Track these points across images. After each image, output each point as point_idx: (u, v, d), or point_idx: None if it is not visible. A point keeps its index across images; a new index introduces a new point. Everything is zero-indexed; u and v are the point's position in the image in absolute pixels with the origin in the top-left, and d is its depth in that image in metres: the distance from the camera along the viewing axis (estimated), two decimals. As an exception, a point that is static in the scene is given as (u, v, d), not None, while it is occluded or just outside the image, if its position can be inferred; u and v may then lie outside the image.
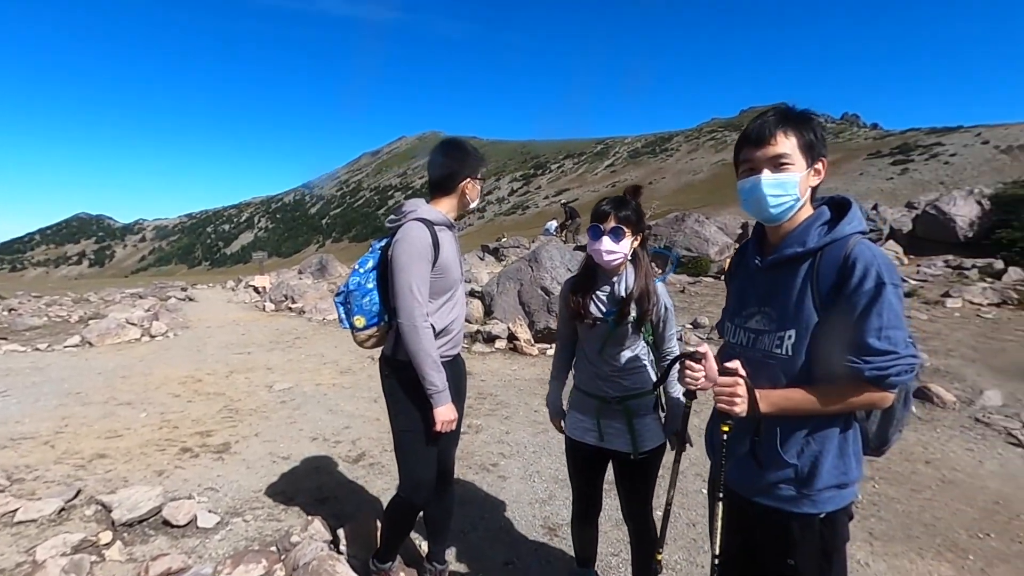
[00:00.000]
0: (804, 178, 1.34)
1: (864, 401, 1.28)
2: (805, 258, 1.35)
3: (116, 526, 2.99)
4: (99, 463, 3.96)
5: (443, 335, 2.22)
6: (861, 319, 1.24)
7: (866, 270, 1.23)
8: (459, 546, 2.92)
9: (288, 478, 3.74)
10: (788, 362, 1.35)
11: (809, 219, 1.38)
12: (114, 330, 8.37)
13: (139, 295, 13.93)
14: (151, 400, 5.52)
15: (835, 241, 1.31)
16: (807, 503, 1.37)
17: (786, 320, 1.35)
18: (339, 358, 7.30)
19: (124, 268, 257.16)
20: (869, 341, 1.23)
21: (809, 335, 1.32)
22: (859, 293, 1.24)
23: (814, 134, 1.33)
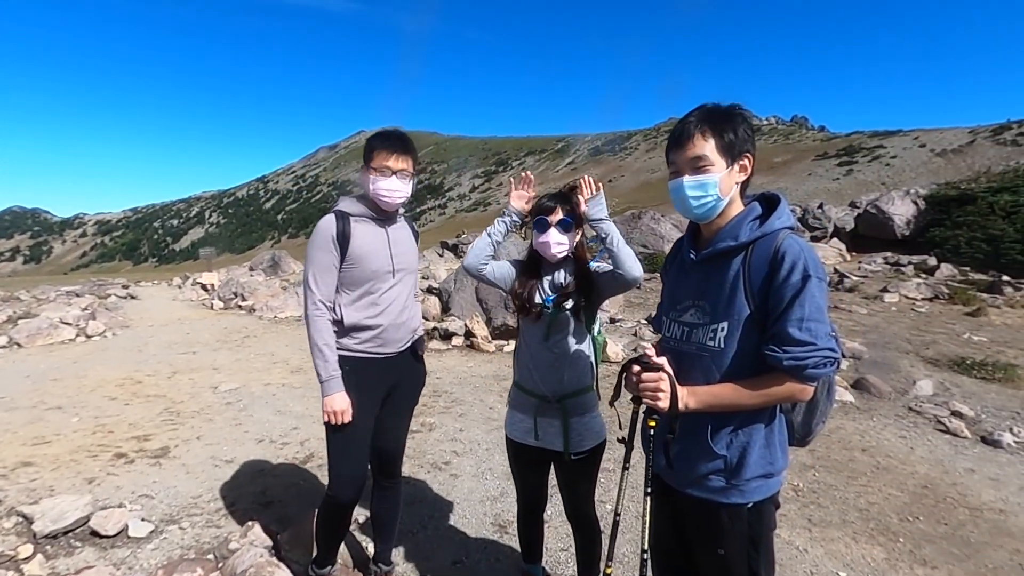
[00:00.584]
0: (725, 177, 1.36)
1: (785, 393, 1.31)
2: (737, 252, 1.37)
3: (38, 538, 2.81)
4: (23, 471, 3.72)
5: (362, 330, 2.17)
6: (785, 310, 1.26)
7: (793, 263, 1.26)
8: (407, 546, 2.87)
9: (230, 482, 3.60)
10: (720, 354, 1.37)
11: (740, 215, 1.41)
12: (46, 330, 7.88)
13: (76, 293, 13.18)
14: (84, 404, 5.22)
15: (765, 235, 1.34)
16: (735, 493, 1.40)
17: (719, 312, 1.38)
18: (290, 357, 7.09)
19: (63, 265, 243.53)
20: (789, 330, 1.25)
21: (741, 327, 1.34)
22: (786, 285, 1.26)
23: (734, 133, 1.35)
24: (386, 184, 2.11)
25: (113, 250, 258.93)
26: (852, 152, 59.39)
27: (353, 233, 2.12)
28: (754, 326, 1.33)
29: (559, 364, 2.05)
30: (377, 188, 2.12)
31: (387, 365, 2.26)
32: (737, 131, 1.36)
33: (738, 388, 1.33)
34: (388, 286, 2.22)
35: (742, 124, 1.37)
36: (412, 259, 2.35)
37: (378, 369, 2.23)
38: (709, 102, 1.41)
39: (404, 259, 2.28)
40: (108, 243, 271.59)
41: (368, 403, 2.23)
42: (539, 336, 2.07)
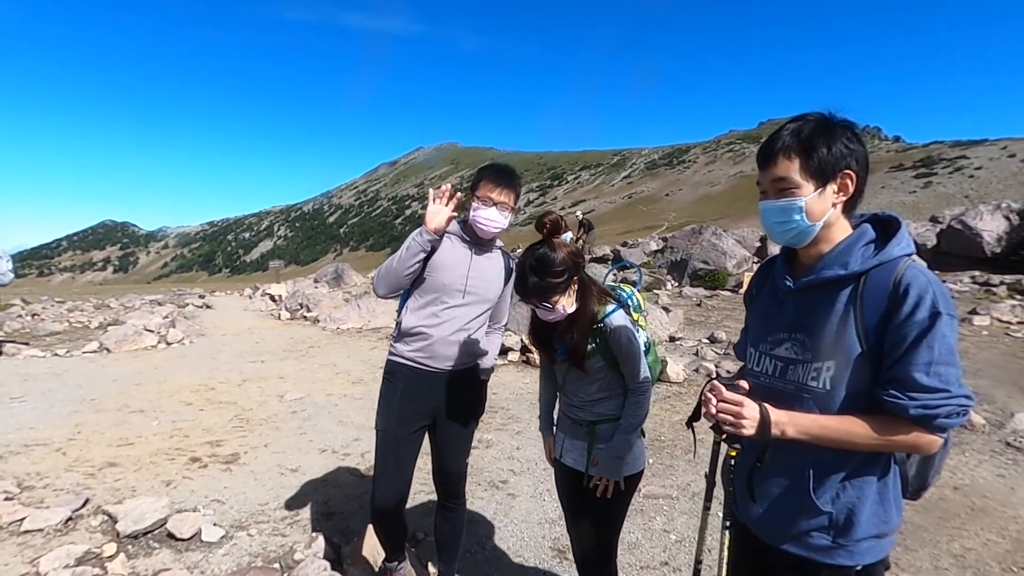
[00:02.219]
0: (814, 201, 1.21)
1: (910, 443, 1.15)
2: (847, 282, 1.22)
3: (120, 538, 2.97)
4: (109, 471, 3.96)
5: (415, 336, 2.26)
6: (909, 352, 1.11)
7: (920, 298, 1.11)
8: (465, 567, 2.84)
9: (295, 491, 3.70)
10: (825, 397, 1.22)
11: (849, 239, 1.24)
12: (131, 336, 8.46)
13: (158, 302, 14.13)
14: (163, 408, 5.53)
15: (882, 264, 1.18)
16: (843, 554, 1.24)
17: (823, 350, 1.23)
18: (351, 368, 7.28)
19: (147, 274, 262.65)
20: (915, 376, 1.10)
21: (851, 367, 1.19)
22: (910, 323, 1.11)
23: (827, 149, 1.19)
24: (485, 213, 2.21)
25: (191, 261, 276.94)
26: (931, 163, 55.85)
27: (441, 246, 2.24)
28: (866, 366, 1.18)
29: (585, 404, 1.96)
30: (476, 215, 2.22)
31: (436, 380, 2.30)
32: (832, 147, 1.19)
33: (854, 422, 1.17)
34: (454, 303, 2.27)
35: (840, 138, 1.20)
36: (490, 289, 2.35)
37: (427, 383, 2.28)
38: (811, 112, 1.25)
39: (480, 286, 2.31)
40: (187, 254, 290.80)
41: (413, 416, 2.30)
42: (563, 381, 2.00)
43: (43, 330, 9.74)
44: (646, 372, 1.89)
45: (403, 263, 2.15)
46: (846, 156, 1.20)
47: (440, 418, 2.34)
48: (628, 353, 1.85)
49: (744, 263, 14.48)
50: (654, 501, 3.57)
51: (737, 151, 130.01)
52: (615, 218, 57.82)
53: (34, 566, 2.70)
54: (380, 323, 10.04)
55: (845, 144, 1.20)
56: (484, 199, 2.20)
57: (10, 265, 7.55)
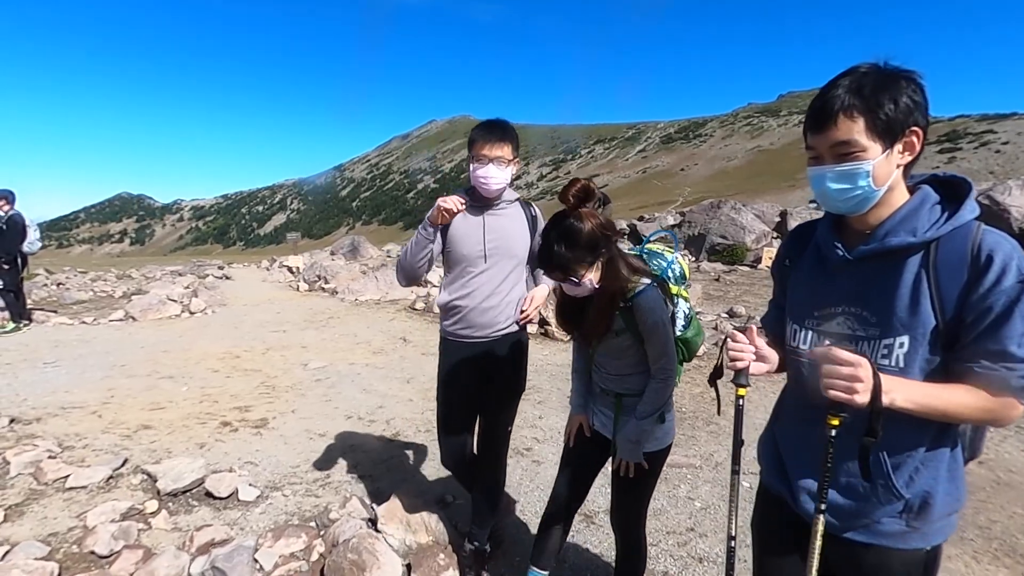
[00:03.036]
0: (882, 163, 1.10)
1: (1000, 409, 1.07)
2: (916, 249, 1.12)
3: (161, 495, 3.07)
4: (144, 434, 4.07)
5: (451, 312, 2.35)
6: (999, 323, 1.03)
7: (1005, 265, 1.02)
8: (493, 530, 2.91)
9: (325, 455, 3.79)
10: (898, 375, 1.11)
11: (913, 202, 1.14)
12: (156, 306, 8.61)
13: (178, 272, 14.32)
14: (191, 374, 5.66)
15: (955, 229, 1.09)
16: (916, 537, 1.19)
17: (895, 324, 1.13)
18: (371, 338, 7.36)
19: (163, 247, 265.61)
20: (1011, 348, 1.02)
21: (927, 343, 1.10)
22: (997, 292, 1.02)
23: (894, 103, 1.06)
24: (483, 171, 2.19)
25: (206, 233, 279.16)
26: (955, 138, 54.32)
27: (454, 219, 2.23)
28: (939, 340, 1.09)
29: (613, 378, 1.92)
30: (475, 175, 2.20)
31: (479, 349, 2.34)
32: (899, 101, 1.06)
33: (961, 391, 1.08)
34: (479, 271, 2.30)
35: (906, 90, 1.07)
36: (512, 245, 2.34)
37: (470, 353, 2.33)
38: (864, 63, 1.11)
39: (500, 244, 2.30)
40: (202, 227, 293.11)
41: (462, 385, 2.38)
42: (593, 353, 1.95)
43: (69, 299, 9.93)
44: (672, 358, 1.80)
45: (413, 257, 2.21)
46: (913, 111, 1.07)
47: (486, 385, 2.40)
48: (653, 336, 1.75)
49: (763, 238, 14.30)
50: (677, 470, 3.60)
51: (755, 125, 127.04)
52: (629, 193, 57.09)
53: (81, 520, 2.81)
54: (398, 295, 10.11)
55: (911, 97, 1.07)
56: (479, 158, 2.18)
57: (38, 234, 7.68)
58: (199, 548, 2.54)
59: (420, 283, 2.37)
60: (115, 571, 2.36)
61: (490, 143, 2.17)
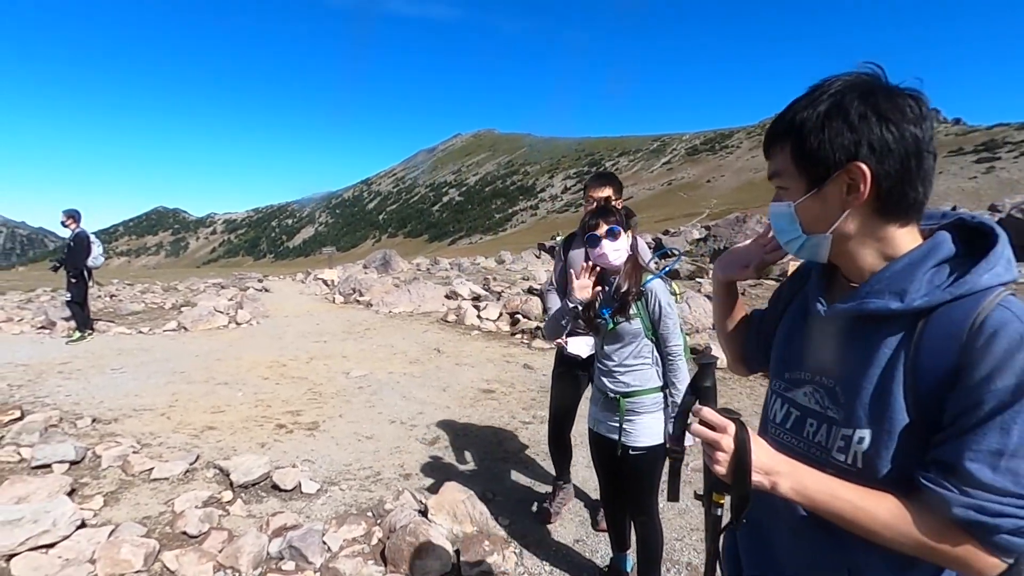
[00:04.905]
0: (807, 205, 0.90)
1: (954, 557, 0.79)
2: (901, 319, 0.86)
3: (235, 487, 3.44)
4: (209, 434, 4.48)
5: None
6: (973, 429, 0.76)
7: (1007, 355, 0.75)
8: (531, 524, 3.20)
9: (373, 455, 4.13)
10: (856, 477, 0.87)
11: (914, 255, 0.86)
12: (205, 317, 9.16)
13: (221, 285, 15.02)
14: (244, 381, 6.09)
15: (959, 299, 0.81)
16: None
17: (857, 411, 0.89)
18: (407, 349, 7.73)
19: (196, 259, 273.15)
20: (972, 466, 0.75)
21: (893, 445, 0.85)
22: (985, 390, 0.75)
23: (828, 130, 0.84)
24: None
25: (237, 246, 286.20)
26: (994, 147, 52.91)
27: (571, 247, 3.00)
28: (914, 443, 0.83)
29: (619, 370, 2.24)
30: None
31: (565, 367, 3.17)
32: (827, 129, 0.84)
33: (884, 503, 0.83)
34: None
35: (848, 116, 0.83)
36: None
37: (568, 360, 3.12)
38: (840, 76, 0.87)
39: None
40: (233, 240, 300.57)
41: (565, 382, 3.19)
42: (599, 344, 2.31)
43: (124, 310, 10.59)
44: (681, 338, 2.22)
45: (555, 323, 2.46)
46: (849, 144, 0.83)
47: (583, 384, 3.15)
48: (667, 314, 2.17)
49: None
50: (699, 474, 3.84)
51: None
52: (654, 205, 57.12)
53: (169, 506, 3.20)
54: (430, 308, 10.50)
55: (851, 124, 0.83)
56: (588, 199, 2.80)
57: (101, 249, 8.30)
58: (274, 531, 2.89)
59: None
60: (206, 547, 2.73)
61: (596, 187, 2.78)
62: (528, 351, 7.56)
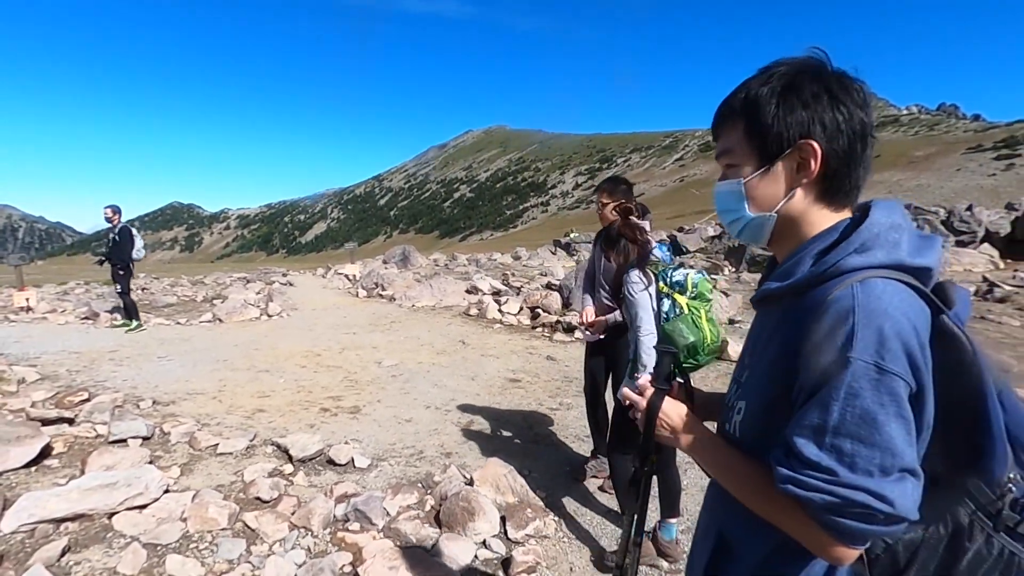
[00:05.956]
0: (757, 183, 0.92)
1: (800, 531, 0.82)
2: (784, 298, 0.91)
3: (294, 461, 3.78)
4: (261, 416, 4.83)
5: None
6: (801, 406, 0.80)
7: (832, 329, 0.77)
8: (561, 506, 3.50)
9: (414, 436, 4.45)
10: (734, 446, 0.96)
11: (813, 239, 0.90)
12: (238, 309, 9.55)
13: (247, 279, 15.49)
14: (283, 369, 6.45)
15: (824, 278, 0.84)
16: None
17: (744, 385, 0.98)
18: (433, 341, 8.06)
19: (210, 254, 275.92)
20: (797, 441, 0.78)
21: (760, 415, 0.91)
22: (811, 365, 0.79)
23: (781, 106, 0.87)
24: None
25: (251, 242, 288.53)
26: (1014, 144, 52.19)
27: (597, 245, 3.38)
28: (775, 414, 0.87)
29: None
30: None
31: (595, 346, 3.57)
32: (783, 106, 0.87)
33: (747, 466, 0.90)
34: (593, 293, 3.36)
35: (802, 94, 0.86)
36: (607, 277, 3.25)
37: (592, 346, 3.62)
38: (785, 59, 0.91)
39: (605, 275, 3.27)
40: (247, 235, 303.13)
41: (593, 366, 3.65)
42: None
43: (160, 302, 11.03)
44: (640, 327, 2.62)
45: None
46: (803, 121, 0.86)
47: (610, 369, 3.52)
48: (630, 303, 2.62)
49: (803, 249, 14.45)
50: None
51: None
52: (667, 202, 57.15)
53: (239, 476, 3.54)
54: (451, 302, 10.83)
55: (804, 102, 0.86)
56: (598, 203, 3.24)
57: (142, 242, 8.71)
58: (338, 498, 3.22)
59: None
60: (280, 510, 3.06)
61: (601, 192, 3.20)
62: (550, 343, 7.86)
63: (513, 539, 2.92)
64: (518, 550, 2.79)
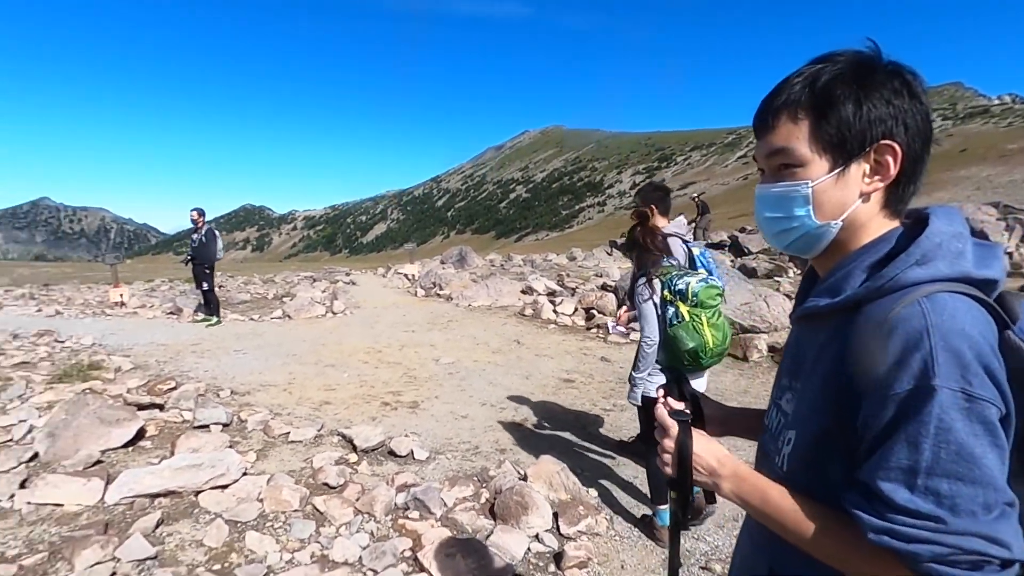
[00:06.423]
0: (827, 187, 0.81)
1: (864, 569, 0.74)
2: (836, 317, 0.83)
3: (358, 451, 4.00)
4: (327, 408, 5.11)
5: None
6: (877, 443, 0.71)
7: (903, 355, 0.69)
8: (617, 504, 3.54)
9: (470, 431, 4.60)
10: (783, 482, 0.84)
11: (862, 249, 0.83)
12: (306, 307, 10.08)
13: (313, 278, 16.28)
14: (347, 364, 6.77)
15: (882, 293, 0.76)
16: None
17: (795, 414, 0.88)
18: (489, 340, 8.22)
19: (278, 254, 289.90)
20: (885, 486, 0.69)
21: (814, 449, 0.82)
22: (886, 396, 0.70)
23: (856, 104, 0.78)
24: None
25: (316, 242, 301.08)
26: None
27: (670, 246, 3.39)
28: (832, 446, 0.79)
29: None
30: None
31: None
32: (864, 103, 0.78)
33: (811, 512, 0.78)
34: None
35: (880, 90, 0.78)
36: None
37: None
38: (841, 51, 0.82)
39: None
40: (312, 236, 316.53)
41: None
42: None
43: (235, 299, 11.80)
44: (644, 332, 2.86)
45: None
46: (886, 119, 0.78)
47: None
48: (639, 313, 2.87)
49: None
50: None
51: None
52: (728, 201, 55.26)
53: (308, 463, 3.78)
54: (506, 302, 10.98)
55: (887, 99, 0.78)
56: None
57: (222, 244, 9.36)
58: (398, 487, 3.40)
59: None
60: (346, 496, 3.26)
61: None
62: (604, 345, 7.85)
63: (565, 535, 3.00)
64: (570, 545, 2.86)
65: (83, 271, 26.50)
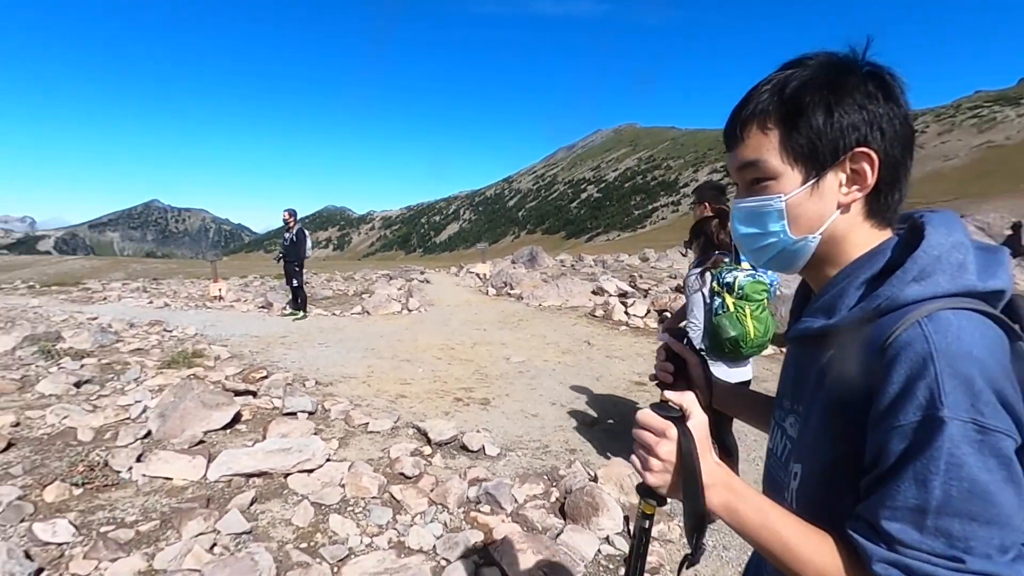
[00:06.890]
0: (801, 200, 0.76)
1: None
2: (830, 339, 0.77)
3: (432, 444, 4.13)
4: (403, 401, 5.32)
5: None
6: (884, 476, 0.65)
7: (908, 383, 0.63)
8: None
9: (540, 430, 4.63)
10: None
11: (856, 264, 0.77)
12: (383, 303, 10.51)
13: (390, 276, 16.95)
14: (422, 360, 7.00)
15: (880, 313, 0.70)
16: None
17: (801, 444, 0.82)
18: (559, 340, 8.23)
19: (357, 252, 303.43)
20: (891, 528, 0.63)
21: (820, 479, 0.77)
22: (887, 427, 0.64)
23: (827, 114, 0.73)
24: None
25: (392, 241, 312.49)
26: None
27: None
28: (841, 479, 0.73)
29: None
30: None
31: None
32: (836, 109, 0.73)
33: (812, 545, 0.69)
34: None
35: (852, 94, 0.73)
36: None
37: None
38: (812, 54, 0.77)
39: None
40: (388, 235, 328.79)
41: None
42: None
43: (319, 295, 12.50)
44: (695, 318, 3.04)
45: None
46: (860, 125, 0.73)
47: None
48: (687, 297, 3.10)
49: (987, 253, 12.47)
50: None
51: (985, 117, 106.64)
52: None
53: (385, 452, 3.95)
54: (577, 302, 10.93)
55: (860, 104, 0.73)
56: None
57: (311, 243, 9.97)
58: (471, 481, 3.48)
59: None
60: (421, 486, 3.38)
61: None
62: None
63: (636, 539, 2.96)
64: (641, 550, 2.82)
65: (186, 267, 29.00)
